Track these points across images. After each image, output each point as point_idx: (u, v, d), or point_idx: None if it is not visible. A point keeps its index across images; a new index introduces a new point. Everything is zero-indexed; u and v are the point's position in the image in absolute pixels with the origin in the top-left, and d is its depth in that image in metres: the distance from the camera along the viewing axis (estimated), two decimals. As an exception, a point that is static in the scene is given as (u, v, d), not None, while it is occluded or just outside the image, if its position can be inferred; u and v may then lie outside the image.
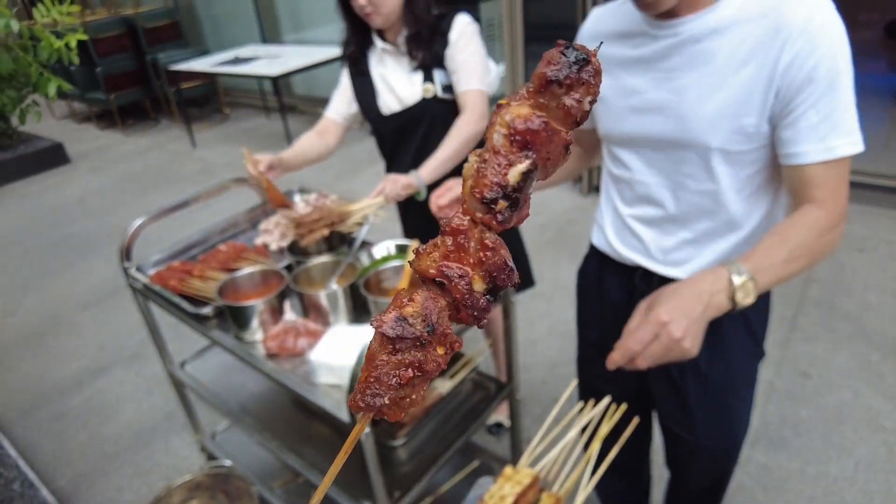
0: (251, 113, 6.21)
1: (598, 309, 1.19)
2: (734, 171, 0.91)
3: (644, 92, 0.93)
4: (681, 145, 0.92)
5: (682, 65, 0.88)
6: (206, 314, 1.35)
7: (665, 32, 0.88)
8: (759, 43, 0.82)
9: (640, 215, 1.02)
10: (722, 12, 0.84)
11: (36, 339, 2.85)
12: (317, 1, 5.50)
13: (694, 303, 0.78)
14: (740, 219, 0.95)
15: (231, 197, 1.89)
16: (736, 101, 0.85)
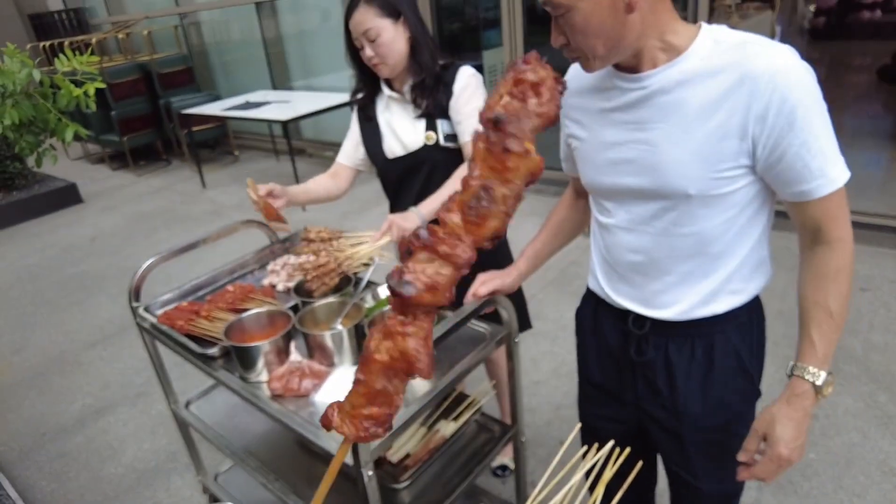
0: (261, 155, 6.35)
1: (596, 350, 1.20)
2: (716, 213, 0.93)
3: (619, 144, 0.96)
4: (660, 195, 0.94)
5: (652, 116, 0.91)
6: (212, 354, 1.36)
7: (633, 86, 0.92)
8: (726, 92, 0.85)
9: (627, 261, 1.05)
10: (686, 65, 0.87)
11: (41, 377, 2.86)
12: (325, 49, 5.70)
13: (803, 426, 0.92)
14: (727, 255, 0.97)
15: (240, 237, 1.93)
16: (708, 148, 0.88)
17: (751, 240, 0.97)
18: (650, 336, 1.06)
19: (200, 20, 6.71)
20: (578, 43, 0.86)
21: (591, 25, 0.83)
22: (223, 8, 6.30)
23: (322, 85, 5.85)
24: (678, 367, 1.05)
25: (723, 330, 1.02)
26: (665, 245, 0.98)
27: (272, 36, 6.00)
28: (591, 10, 0.82)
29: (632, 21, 0.84)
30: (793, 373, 0.94)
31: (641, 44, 0.87)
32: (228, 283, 1.73)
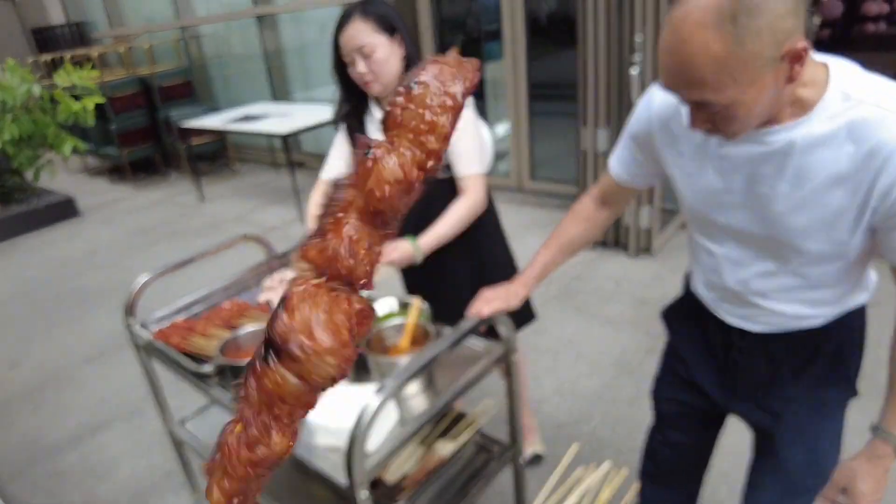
0: (260, 168, 6.36)
1: (693, 344, 1.20)
2: (826, 263, 0.93)
3: (731, 190, 0.93)
4: (773, 243, 0.94)
5: (771, 174, 0.87)
6: (206, 372, 1.34)
7: (756, 139, 0.86)
8: (853, 166, 0.80)
9: (730, 287, 1.04)
10: (812, 127, 0.81)
11: (37, 393, 2.83)
12: (325, 62, 5.71)
13: (883, 482, 0.97)
14: (837, 283, 0.97)
15: (237, 250, 1.92)
16: (826, 219, 0.86)
17: (854, 275, 0.98)
18: (755, 344, 1.07)
19: (201, 33, 6.75)
20: (730, 129, 0.81)
21: (752, 112, 0.78)
22: (224, 21, 6.33)
23: (322, 97, 5.86)
24: (784, 362, 1.06)
25: (827, 338, 1.03)
26: (772, 280, 0.99)
27: (272, 48, 6.02)
28: (754, 99, 0.76)
29: (786, 91, 0.78)
30: (875, 434, 0.97)
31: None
32: (224, 299, 1.71)
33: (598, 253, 3.48)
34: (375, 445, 1.08)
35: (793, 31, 0.72)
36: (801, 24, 0.73)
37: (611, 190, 1.20)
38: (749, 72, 0.73)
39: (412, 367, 1.08)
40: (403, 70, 1.49)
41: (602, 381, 2.42)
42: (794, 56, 0.73)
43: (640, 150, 1.09)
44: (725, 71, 0.73)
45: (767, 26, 0.70)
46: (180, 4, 6.61)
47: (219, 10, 6.35)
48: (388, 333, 1.32)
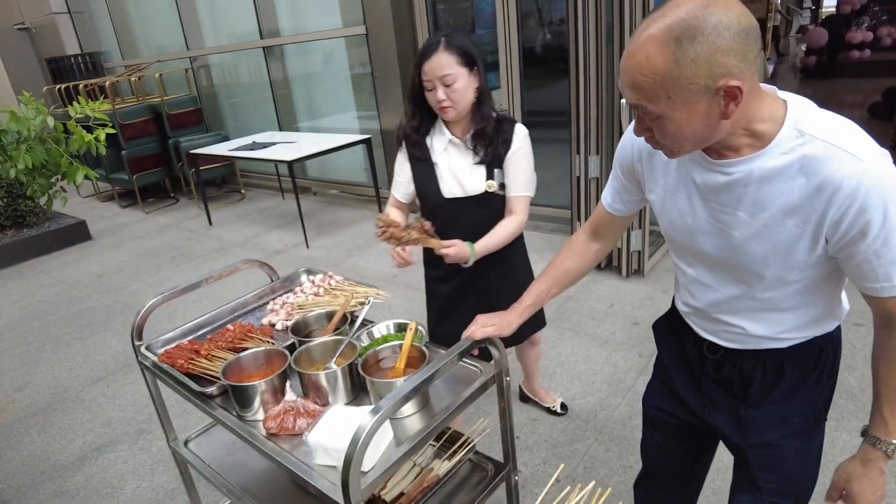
0: (266, 194, 6.47)
1: (675, 357, 1.27)
2: (788, 287, 0.99)
3: (699, 217, 1.01)
4: (735, 268, 1.01)
5: (732, 203, 0.94)
6: (210, 393, 1.40)
7: (716, 169, 0.93)
8: (805, 197, 0.86)
9: (703, 306, 1.12)
10: (768, 161, 0.88)
11: (43, 413, 2.88)
12: (330, 91, 5.87)
13: (879, 482, 1.03)
14: (796, 309, 1.03)
15: (241, 274, 1.98)
16: (782, 245, 0.93)
17: (821, 300, 1.03)
18: (726, 358, 1.13)
19: (210, 63, 6.94)
20: (666, 142, 0.89)
21: (682, 131, 0.85)
22: (232, 52, 6.52)
23: (327, 126, 6.00)
24: (756, 381, 1.11)
25: (794, 360, 1.08)
26: (737, 303, 1.06)
27: (279, 78, 6.19)
28: (684, 119, 0.83)
29: (723, 125, 0.85)
30: (865, 439, 1.03)
31: (731, 134, 0.88)
32: (229, 321, 1.77)
33: (592, 275, 3.54)
34: (371, 464, 1.13)
35: (732, 70, 0.78)
36: (748, 68, 0.80)
37: (603, 222, 1.28)
38: (681, 92, 0.80)
39: (407, 388, 1.12)
40: (476, 100, 1.69)
41: (596, 401, 2.45)
42: (728, 93, 0.80)
43: (626, 178, 1.17)
44: (660, 84, 0.80)
45: (705, 57, 0.77)
46: (190, 36, 6.82)
47: (227, 41, 6.54)
48: (385, 354, 1.37)
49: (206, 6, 6.62)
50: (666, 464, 1.41)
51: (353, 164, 5.76)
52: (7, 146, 2.05)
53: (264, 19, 5.91)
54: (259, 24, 5.94)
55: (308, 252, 4.57)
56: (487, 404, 2.31)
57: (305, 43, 5.74)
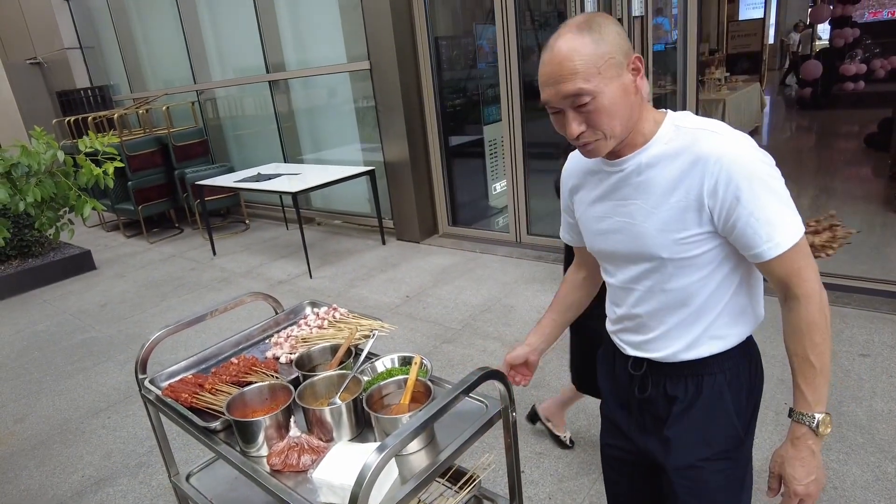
0: (270, 224, 6.52)
1: (610, 387, 1.33)
2: (691, 273, 1.08)
3: (608, 217, 1.14)
4: (642, 258, 1.11)
5: (630, 194, 1.09)
6: (214, 428, 1.39)
7: (615, 169, 1.10)
8: (682, 172, 1.01)
9: (625, 314, 1.20)
10: (653, 150, 1.05)
11: (42, 446, 2.85)
12: (335, 125, 5.97)
13: (812, 463, 1.04)
14: (707, 308, 1.10)
15: (246, 305, 1.99)
16: (672, 219, 1.04)
17: (728, 293, 1.10)
18: (649, 375, 1.19)
19: (216, 96, 7.07)
20: (602, 125, 1.00)
21: (615, 106, 0.98)
22: (239, 85, 6.65)
23: (331, 158, 6.08)
24: (678, 400, 1.16)
25: (710, 371, 1.13)
26: (653, 300, 1.13)
27: (284, 111, 6.30)
28: (614, 93, 0.97)
29: (636, 103, 1.01)
30: (792, 418, 1.06)
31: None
32: (233, 354, 1.77)
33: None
34: (377, 502, 1.12)
35: (630, 52, 0.99)
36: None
37: (581, 253, 1.37)
38: (608, 68, 0.96)
39: (413, 425, 1.12)
40: None
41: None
42: (635, 67, 1.00)
43: (569, 214, 1.30)
44: (591, 62, 0.95)
45: (612, 39, 0.97)
46: (197, 70, 6.97)
47: (234, 74, 6.68)
48: (389, 389, 1.37)
49: (213, 41, 6.78)
50: (627, 501, 1.40)
51: (356, 194, 5.82)
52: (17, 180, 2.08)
53: (270, 54, 6.05)
54: (265, 58, 6.07)
55: (311, 282, 4.58)
56: (492, 437, 2.28)
57: (311, 77, 5.86)
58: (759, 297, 1.15)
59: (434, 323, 3.63)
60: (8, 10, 9.57)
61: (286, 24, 5.89)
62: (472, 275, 4.32)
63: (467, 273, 4.36)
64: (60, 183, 2.28)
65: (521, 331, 3.35)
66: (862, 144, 6.35)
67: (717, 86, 7.48)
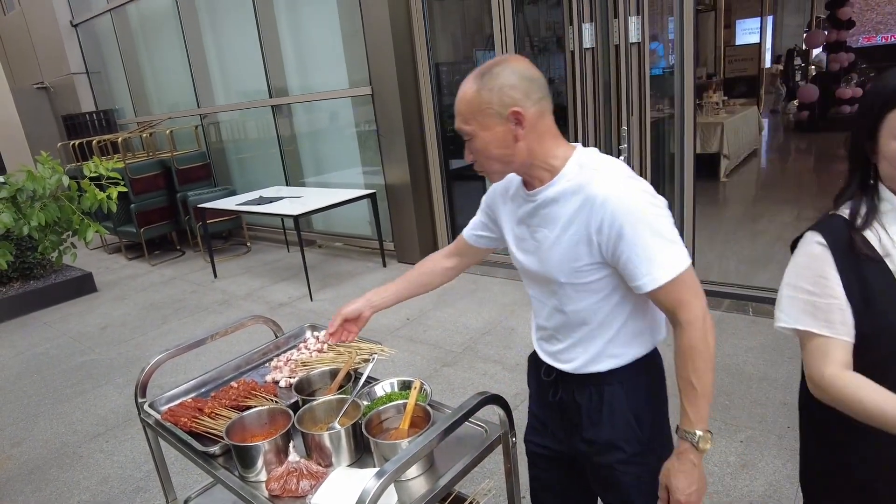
0: (272, 246, 6.55)
1: (535, 388, 1.44)
2: (587, 296, 1.20)
3: (524, 239, 1.27)
4: (546, 279, 1.23)
5: (540, 222, 1.21)
6: (213, 452, 1.39)
7: (528, 199, 1.22)
8: (576, 210, 1.13)
9: (540, 325, 1.34)
10: (558, 186, 1.16)
11: (39, 471, 2.83)
12: (337, 149, 6.03)
13: (693, 476, 1.14)
14: (604, 328, 1.22)
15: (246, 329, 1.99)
16: (569, 249, 1.16)
17: (622, 316, 1.21)
18: (559, 382, 1.31)
19: (219, 120, 7.16)
20: (480, 161, 1.17)
21: (488, 150, 1.13)
22: (242, 109, 6.73)
23: (333, 181, 6.13)
24: (583, 406, 1.28)
25: (610, 383, 1.25)
26: (559, 317, 1.26)
27: (287, 135, 6.37)
28: (488, 140, 1.12)
29: (519, 148, 1.13)
30: (677, 434, 1.16)
31: (532, 165, 1.16)
32: (233, 378, 1.77)
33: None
34: (374, 527, 1.11)
35: (518, 101, 1.09)
36: (532, 105, 1.10)
37: (463, 247, 1.52)
38: (484, 115, 1.10)
39: (412, 450, 1.12)
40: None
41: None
42: (516, 118, 1.10)
43: (486, 216, 1.42)
44: (470, 108, 1.11)
45: (498, 89, 1.08)
46: (201, 94, 7.07)
47: (237, 99, 6.77)
48: (388, 414, 1.37)
49: (217, 66, 6.89)
50: (551, 499, 1.49)
51: (357, 217, 5.85)
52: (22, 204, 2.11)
53: (274, 79, 6.14)
54: (268, 83, 6.17)
55: (312, 305, 4.58)
56: (491, 463, 2.26)
57: (313, 102, 5.94)
58: (658, 321, 1.26)
59: (434, 346, 3.62)
60: (17, 37, 9.76)
61: (289, 49, 6.00)
62: (472, 297, 4.32)
63: (468, 295, 4.36)
64: (64, 207, 2.31)
65: (523, 353, 3.34)
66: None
67: (714, 109, 7.56)
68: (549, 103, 1.15)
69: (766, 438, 2.39)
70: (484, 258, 1.55)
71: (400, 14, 4.70)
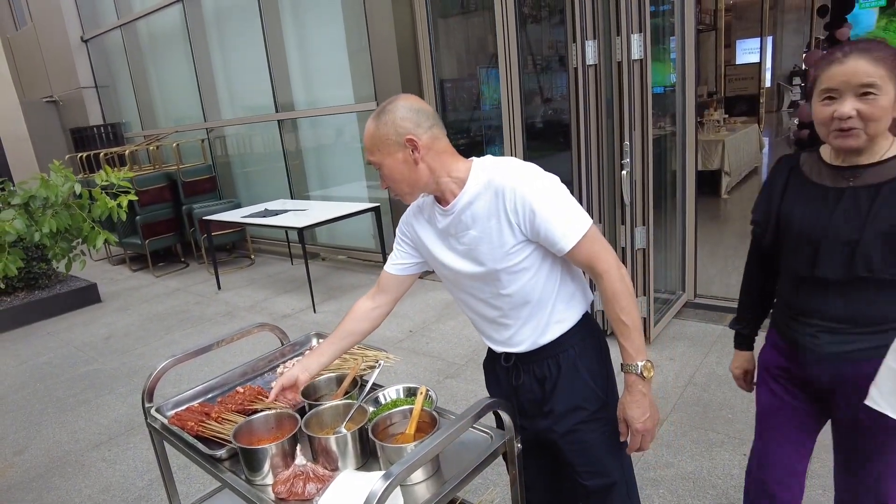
0: (275, 259, 6.58)
1: (495, 384, 1.56)
2: (520, 276, 1.34)
3: (454, 248, 1.39)
4: (482, 272, 1.36)
5: (463, 228, 1.35)
6: (220, 456, 1.40)
7: (448, 212, 1.36)
8: (491, 204, 1.30)
9: (483, 320, 1.46)
10: (469, 193, 1.32)
11: (41, 479, 2.83)
12: (342, 163, 6.09)
13: (644, 404, 1.33)
14: (543, 300, 1.37)
15: (250, 338, 2.01)
16: (496, 239, 1.31)
17: (556, 284, 1.37)
18: (519, 365, 1.44)
19: (225, 134, 7.23)
20: (392, 186, 1.35)
21: (394, 175, 1.32)
22: (248, 123, 6.81)
23: (337, 194, 6.18)
24: (546, 379, 1.41)
25: (564, 349, 1.40)
26: (498, 305, 1.39)
27: (292, 149, 6.43)
28: (392, 165, 1.30)
29: (421, 169, 1.31)
30: (622, 370, 1.32)
31: (438, 181, 1.33)
32: (239, 385, 1.78)
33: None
34: (380, 530, 1.12)
35: (410, 130, 1.27)
36: (424, 132, 1.28)
37: (386, 284, 1.57)
38: (385, 145, 1.29)
39: (419, 453, 1.13)
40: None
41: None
42: (412, 145, 1.28)
43: (405, 244, 1.52)
44: (373, 142, 1.30)
45: (392, 122, 1.27)
46: (208, 108, 7.15)
47: (243, 113, 6.85)
48: (395, 420, 1.38)
49: (224, 81, 6.99)
50: (537, 482, 1.60)
51: (361, 230, 5.89)
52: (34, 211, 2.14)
53: (280, 94, 6.22)
54: (275, 98, 6.25)
55: (315, 317, 4.60)
56: (495, 474, 2.26)
57: (319, 116, 6.01)
58: (583, 283, 1.44)
59: (437, 358, 3.63)
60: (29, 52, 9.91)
61: (296, 65, 6.09)
62: (475, 311, 4.33)
63: (470, 309, 4.37)
64: (76, 215, 2.34)
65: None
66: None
67: (716, 127, 7.63)
68: (441, 129, 1.33)
69: (769, 452, 2.39)
70: (409, 288, 1.61)
71: (406, 31, 4.79)
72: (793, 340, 1.36)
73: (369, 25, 4.90)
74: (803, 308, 1.32)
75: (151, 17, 7.50)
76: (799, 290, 1.33)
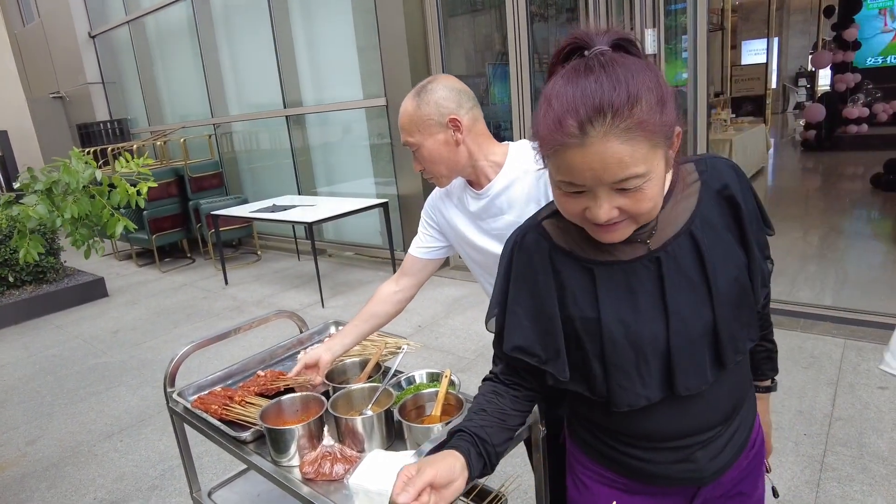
0: (282, 255, 6.58)
1: None
2: None
3: (485, 231, 1.40)
4: None
5: (496, 212, 1.36)
6: (245, 438, 1.41)
7: (482, 195, 1.37)
8: (531, 187, 1.31)
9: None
10: (506, 177, 1.33)
11: (54, 468, 2.84)
12: (350, 159, 6.10)
13: None
14: None
15: (262, 329, 2.02)
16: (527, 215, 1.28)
17: None
18: None
19: (233, 130, 7.25)
20: (429, 168, 1.34)
21: (433, 156, 1.31)
22: (255, 119, 6.82)
23: (345, 191, 6.19)
24: None
25: None
26: None
27: (300, 145, 6.44)
28: (432, 147, 1.29)
29: (461, 151, 1.31)
30: None
31: (475, 164, 1.33)
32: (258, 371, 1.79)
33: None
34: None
35: (452, 110, 1.27)
36: (466, 113, 1.29)
37: (411, 267, 1.57)
38: (425, 126, 1.28)
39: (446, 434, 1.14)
40: None
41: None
42: (454, 124, 1.28)
43: (431, 228, 1.54)
44: (413, 122, 1.29)
45: (434, 101, 1.27)
46: (215, 104, 7.16)
47: (251, 109, 6.86)
48: (422, 402, 1.39)
49: (232, 77, 7.00)
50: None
51: (368, 226, 5.89)
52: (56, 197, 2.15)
53: (288, 90, 6.23)
54: (283, 94, 6.26)
55: (324, 311, 4.60)
56: (516, 465, 2.27)
57: (327, 112, 6.02)
58: None
59: (447, 353, 3.63)
60: (36, 48, 9.93)
61: (304, 61, 6.10)
62: (483, 305, 4.30)
63: (479, 304, 4.38)
64: (96, 201, 2.35)
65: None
66: (868, 185, 6.43)
67: (723, 126, 7.64)
68: (480, 111, 1.33)
69: (783, 445, 2.39)
70: (434, 272, 1.61)
71: (416, 28, 4.80)
72: None
73: (380, 22, 4.91)
74: None
75: (160, 13, 7.51)
76: None
